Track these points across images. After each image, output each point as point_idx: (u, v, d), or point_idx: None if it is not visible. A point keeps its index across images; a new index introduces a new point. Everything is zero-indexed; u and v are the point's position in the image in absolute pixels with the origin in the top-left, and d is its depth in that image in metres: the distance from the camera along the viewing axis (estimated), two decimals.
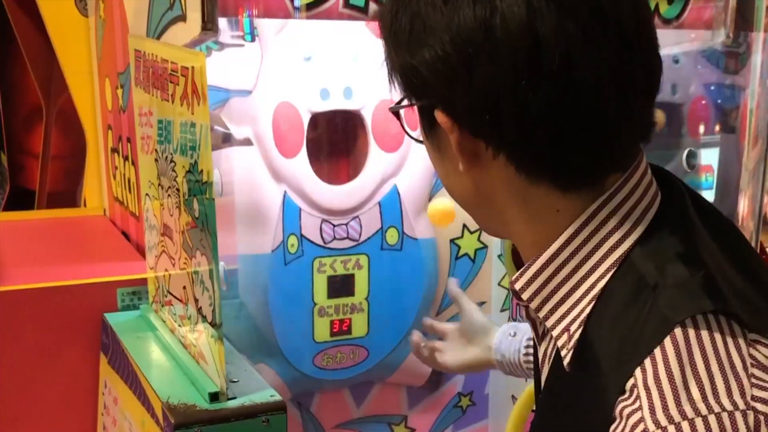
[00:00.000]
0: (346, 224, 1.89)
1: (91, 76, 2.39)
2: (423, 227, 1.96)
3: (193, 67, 1.35)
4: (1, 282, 1.78)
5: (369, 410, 2.04)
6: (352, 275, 1.91)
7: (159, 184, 1.58)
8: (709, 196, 2.16)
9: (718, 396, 0.84)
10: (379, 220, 1.92)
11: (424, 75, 0.95)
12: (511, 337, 1.62)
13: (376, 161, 1.89)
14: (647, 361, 0.87)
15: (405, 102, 1.03)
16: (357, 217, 1.90)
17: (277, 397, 1.41)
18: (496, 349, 1.63)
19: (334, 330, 1.92)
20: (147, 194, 1.66)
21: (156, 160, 1.57)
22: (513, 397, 1.99)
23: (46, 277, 1.77)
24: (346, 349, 1.94)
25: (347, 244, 1.90)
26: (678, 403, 0.84)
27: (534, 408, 1.74)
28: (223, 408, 1.38)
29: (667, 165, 2.08)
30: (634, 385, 0.87)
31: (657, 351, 0.87)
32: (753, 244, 2.14)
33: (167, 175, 1.51)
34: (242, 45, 1.73)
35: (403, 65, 0.97)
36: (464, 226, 1.99)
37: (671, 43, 1.92)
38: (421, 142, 1.08)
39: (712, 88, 2.16)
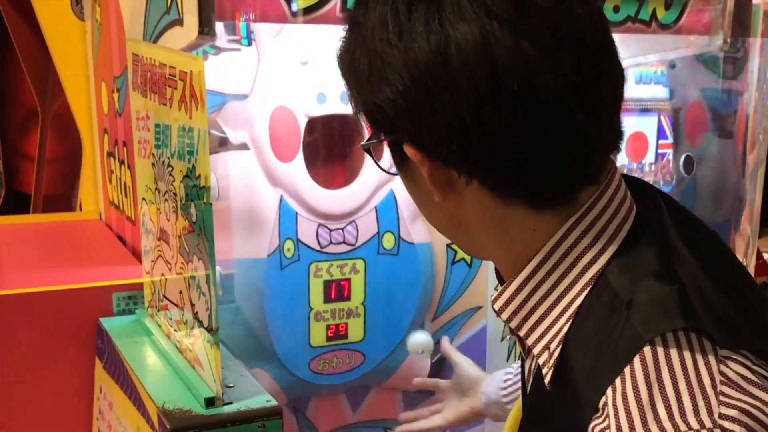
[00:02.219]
0: (343, 229, 1.89)
1: (87, 79, 2.38)
2: (419, 232, 1.96)
3: (191, 72, 1.35)
4: None
5: (365, 415, 2.04)
6: (349, 280, 1.91)
7: (156, 189, 1.57)
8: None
9: (684, 415, 0.84)
10: (376, 225, 1.92)
11: (388, 112, 0.95)
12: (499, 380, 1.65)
13: (373, 166, 1.87)
14: (618, 380, 0.87)
15: (374, 139, 1.03)
16: (353, 221, 1.89)
17: (274, 402, 1.41)
18: (484, 394, 1.66)
19: (330, 335, 1.91)
20: (143, 199, 1.66)
21: (153, 164, 1.57)
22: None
23: (41, 281, 1.76)
24: (342, 353, 1.93)
25: (343, 248, 1.90)
26: (644, 423, 0.85)
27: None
28: (219, 413, 1.37)
29: (662, 170, 2.10)
30: (605, 404, 0.88)
31: (627, 369, 0.87)
32: (750, 249, 2.14)
33: (164, 179, 1.51)
34: (239, 49, 1.73)
35: (366, 104, 0.98)
36: None
37: (668, 48, 1.92)
38: (394, 174, 1.08)
39: (710, 93, 2.16)
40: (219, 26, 1.51)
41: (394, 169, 1.08)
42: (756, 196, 2.11)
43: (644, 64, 2.01)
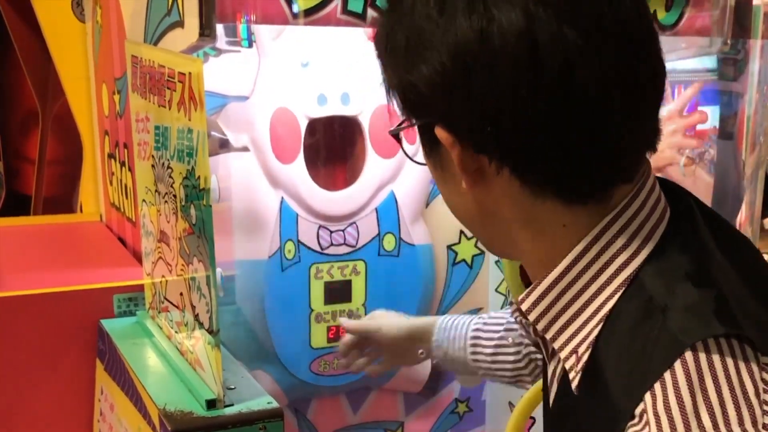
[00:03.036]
0: (343, 230, 1.89)
1: (87, 81, 2.38)
2: (420, 233, 1.96)
3: (190, 73, 1.35)
4: None
5: (366, 416, 2.04)
6: (349, 281, 1.91)
7: (156, 191, 1.57)
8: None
9: (729, 424, 0.82)
10: (376, 226, 1.92)
11: (423, 91, 0.93)
12: (450, 332, 1.60)
13: (374, 167, 1.89)
14: (657, 387, 0.85)
15: (404, 124, 1.01)
16: (354, 223, 1.89)
17: (275, 404, 1.41)
18: (437, 347, 1.61)
19: (331, 336, 1.91)
20: (144, 200, 1.66)
21: (153, 166, 1.57)
22: (510, 403, 1.99)
23: (42, 283, 1.76)
24: None
25: (344, 250, 1.90)
26: (687, 430, 0.83)
27: (532, 416, 1.74)
28: (220, 415, 1.37)
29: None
30: (644, 411, 0.85)
31: (667, 376, 0.85)
32: None
33: (164, 181, 1.51)
34: (240, 51, 1.73)
35: (401, 83, 0.96)
36: (461, 232, 1.98)
37: (669, 50, 1.91)
38: (422, 164, 1.07)
39: (710, 94, 2.16)
40: (219, 28, 1.51)
41: (419, 158, 1.07)
42: (756, 198, 2.11)
43: None
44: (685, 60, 2.03)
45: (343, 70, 1.83)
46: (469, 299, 2.01)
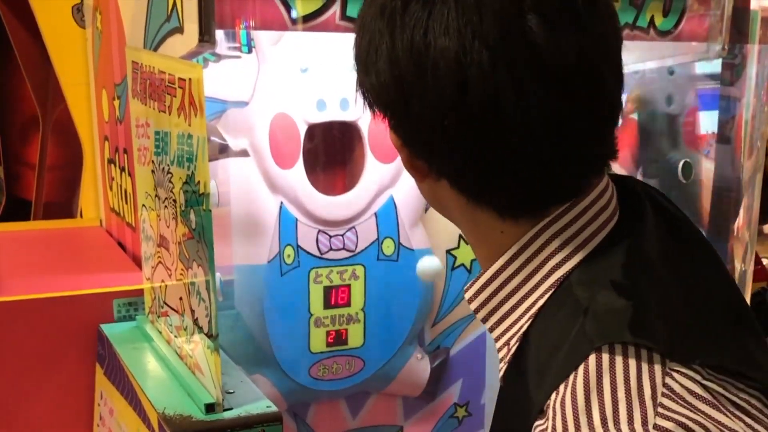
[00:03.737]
0: (343, 235, 1.89)
1: (87, 86, 2.39)
2: (419, 238, 1.96)
3: (190, 79, 1.36)
4: None
5: (365, 421, 2.04)
6: (349, 286, 1.92)
7: (156, 195, 1.58)
8: None
9: (618, 423, 0.84)
10: (376, 231, 1.92)
11: (373, 96, 0.99)
12: None
13: (373, 172, 1.89)
14: (562, 385, 0.88)
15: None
16: (353, 227, 1.90)
17: (274, 408, 1.41)
18: None
19: (330, 341, 1.92)
20: (143, 205, 1.67)
21: (153, 171, 1.58)
22: None
23: (42, 287, 1.77)
24: (342, 359, 1.94)
25: (343, 254, 1.90)
26: (577, 428, 0.85)
27: None
28: (219, 419, 1.38)
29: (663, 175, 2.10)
30: (547, 406, 0.89)
31: (571, 375, 0.88)
32: (748, 254, 2.14)
33: (164, 186, 1.52)
34: (239, 56, 1.74)
35: (360, 83, 1.02)
36: (460, 236, 1.99)
37: (667, 55, 1.92)
38: None
39: (708, 99, 2.16)
40: (219, 34, 1.52)
41: None
42: (754, 202, 2.12)
43: (643, 70, 2.02)
44: (683, 65, 2.04)
45: (342, 76, 1.83)
46: (467, 304, 2.01)
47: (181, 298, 1.50)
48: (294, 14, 1.54)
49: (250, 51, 1.74)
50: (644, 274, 0.96)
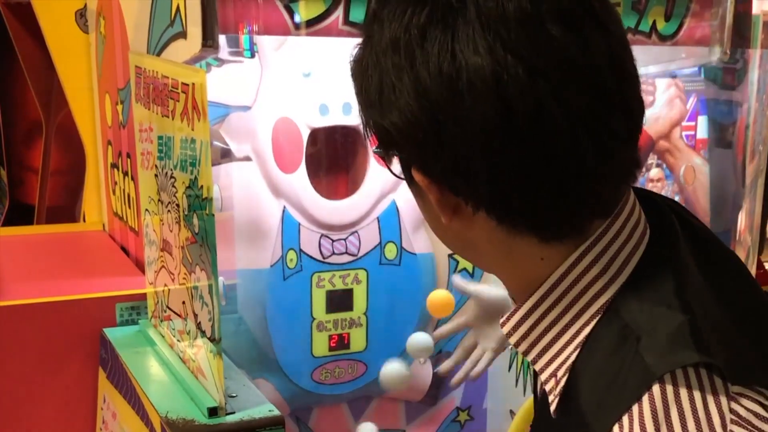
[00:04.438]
0: (345, 239, 1.90)
1: (91, 91, 2.40)
2: (421, 242, 1.97)
3: (193, 84, 1.36)
4: (0, 297, 1.78)
5: None
6: (351, 290, 1.92)
7: (159, 200, 1.58)
8: None
9: None
10: (378, 235, 1.92)
11: (395, 137, 0.92)
12: None
13: (375, 177, 1.89)
14: (625, 418, 0.86)
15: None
16: (356, 232, 1.90)
17: (276, 412, 1.41)
18: None
19: (333, 345, 1.92)
20: (147, 210, 1.67)
21: (156, 175, 1.58)
22: (511, 411, 1.99)
23: (45, 292, 1.77)
24: (345, 363, 1.94)
25: (346, 259, 1.90)
26: None
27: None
28: (221, 423, 1.38)
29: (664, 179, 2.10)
30: None
31: (635, 408, 0.86)
32: (750, 258, 2.14)
33: (167, 190, 1.52)
34: (242, 61, 1.74)
35: (376, 125, 0.95)
36: None
37: (668, 60, 1.93)
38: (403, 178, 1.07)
39: (710, 103, 2.17)
40: (222, 39, 1.52)
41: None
42: (756, 206, 2.12)
43: (644, 75, 2.02)
44: (685, 69, 2.04)
45: (345, 81, 1.82)
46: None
47: (184, 302, 1.51)
48: (297, 19, 1.54)
49: (253, 56, 1.74)
50: (689, 291, 0.94)
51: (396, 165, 1.10)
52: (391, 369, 1.88)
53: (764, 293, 1.05)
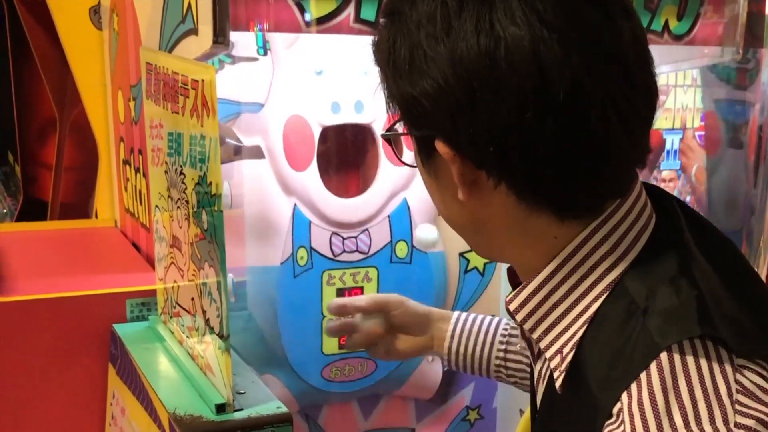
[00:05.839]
0: (356, 237, 1.90)
1: (104, 88, 2.40)
2: None
3: (203, 80, 1.36)
4: (12, 292, 1.79)
5: (377, 423, 2.04)
6: (361, 288, 1.92)
7: (169, 196, 1.58)
8: None
9: (700, 422, 0.85)
10: (389, 234, 1.92)
11: (425, 106, 0.94)
12: (471, 324, 1.60)
13: (386, 175, 1.90)
14: (633, 387, 0.88)
15: (399, 129, 1.03)
16: (366, 230, 1.90)
17: (284, 409, 1.41)
18: (452, 335, 1.59)
19: (343, 342, 1.91)
20: (157, 206, 1.67)
21: (166, 172, 1.58)
22: (521, 411, 1.99)
23: (56, 287, 1.78)
24: (354, 361, 1.94)
25: (357, 257, 1.90)
26: (660, 429, 0.85)
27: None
28: (229, 419, 1.38)
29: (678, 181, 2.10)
30: (620, 410, 0.88)
31: (643, 376, 0.88)
32: (762, 258, 2.13)
33: (177, 187, 1.52)
34: (256, 59, 1.74)
35: (403, 95, 0.97)
36: None
37: (681, 59, 1.92)
38: (412, 166, 1.08)
39: (722, 104, 2.16)
40: (236, 36, 1.52)
41: (411, 161, 1.08)
42: (767, 207, 2.11)
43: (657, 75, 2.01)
44: (698, 69, 2.03)
45: (357, 79, 1.84)
46: (480, 307, 2.02)
47: (192, 299, 1.51)
48: (308, 16, 1.54)
49: (265, 53, 1.74)
50: (694, 268, 0.96)
51: (406, 152, 1.11)
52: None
53: (758, 277, 1.08)
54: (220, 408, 1.39)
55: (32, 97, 3.21)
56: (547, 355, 1.01)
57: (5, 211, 3.52)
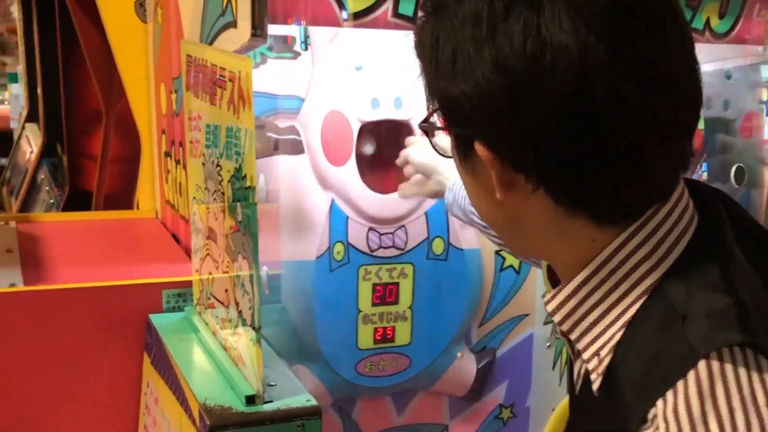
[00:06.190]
0: (393, 233, 1.90)
1: (147, 81, 2.42)
2: (469, 238, 1.96)
3: (240, 72, 1.37)
4: (52, 280, 1.82)
5: (410, 418, 2.04)
6: (397, 284, 1.92)
7: (206, 188, 1.59)
8: None
9: (737, 431, 0.83)
10: (426, 230, 1.92)
11: (466, 108, 0.92)
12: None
13: None
14: (669, 393, 0.86)
15: (437, 121, 1.02)
16: (403, 226, 1.90)
17: (313, 402, 1.42)
18: (449, 188, 1.69)
19: (378, 337, 1.92)
20: (194, 198, 1.68)
21: (203, 164, 1.59)
22: (554, 410, 1.98)
23: (95, 276, 1.80)
24: (389, 356, 1.94)
25: (393, 252, 1.90)
26: None
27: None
28: (258, 411, 1.39)
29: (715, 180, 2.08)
30: (655, 416, 0.86)
31: (680, 383, 0.86)
32: None
33: (213, 179, 1.53)
34: (299, 53, 1.75)
35: (443, 95, 0.95)
36: None
37: (723, 58, 1.90)
38: (449, 157, 1.07)
39: (764, 103, 2.13)
40: (277, 29, 1.53)
41: (449, 153, 1.07)
42: None
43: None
44: (741, 68, 2.01)
45: (396, 75, 1.84)
46: (515, 305, 2.01)
47: (226, 290, 1.52)
48: (346, 11, 1.54)
49: (306, 48, 1.75)
50: (736, 274, 0.94)
51: (441, 140, 1.10)
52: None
53: None
54: (250, 399, 1.40)
55: (80, 89, 3.26)
56: (585, 356, 1.00)
57: (52, 201, 3.57)
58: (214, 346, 1.61)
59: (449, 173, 1.69)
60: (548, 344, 1.65)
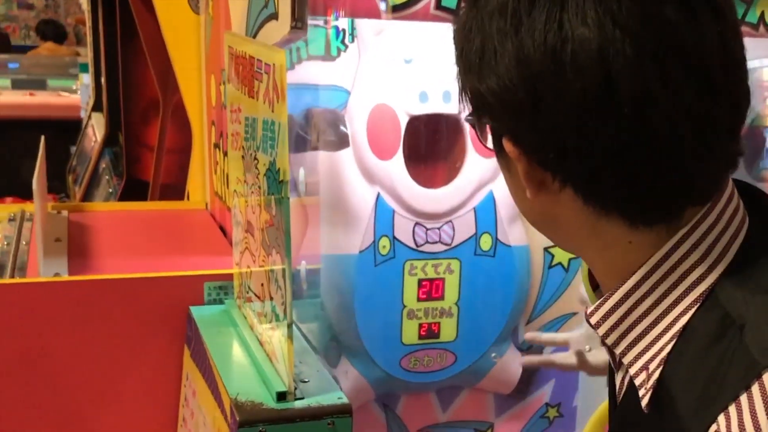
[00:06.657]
0: (440, 228, 1.87)
1: (199, 72, 2.43)
2: (517, 234, 1.93)
3: (274, 65, 1.35)
4: (98, 270, 1.83)
5: (455, 415, 2.02)
6: (443, 279, 1.89)
7: (245, 181, 1.59)
8: None
9: None
10: (474, 226, 1.89)
11: (492, 103, 0.91)
12: None
13: (473, 166, 1.86)
14: (732, 407, 0.82)
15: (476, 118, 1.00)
16: (450, 221, 1.88)
17: (345, 400, 1.40)
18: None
19: (423, 333, 1.90)
20: (235, 190, 1.68)
21: (243, 156, 1.59)
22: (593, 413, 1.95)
23: (140, 267, 1.81)
24: (434, 352, 1.92)
25: (439, 248, 1.88)
26: None
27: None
28: (289, 408, 1.38)
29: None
30: (715, 431, 0.82)
31: (743, 397, 0.82)
32: None
33: (251, 171, 1.52)
34: (346, 46, 1.74)
35: (471, 89, 0.94)
36: None
37: None
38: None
39: None
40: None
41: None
42: None
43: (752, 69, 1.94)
44: None
45: (446, 68, 1.80)
46: (563, 303, 1.97)
47: (262, 285, 1.51)
48: (387, 3, 1.52)
49: (353, 40, 1.73)
50: None
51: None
52: None
53: None
54: (281, 396, 1.39)
55: (138, 79, 3.29)
56: (632, 371, 0.95)
57: (111, 190, 3.61)
58: (250, 340, 1.60)
59: None
60: None
